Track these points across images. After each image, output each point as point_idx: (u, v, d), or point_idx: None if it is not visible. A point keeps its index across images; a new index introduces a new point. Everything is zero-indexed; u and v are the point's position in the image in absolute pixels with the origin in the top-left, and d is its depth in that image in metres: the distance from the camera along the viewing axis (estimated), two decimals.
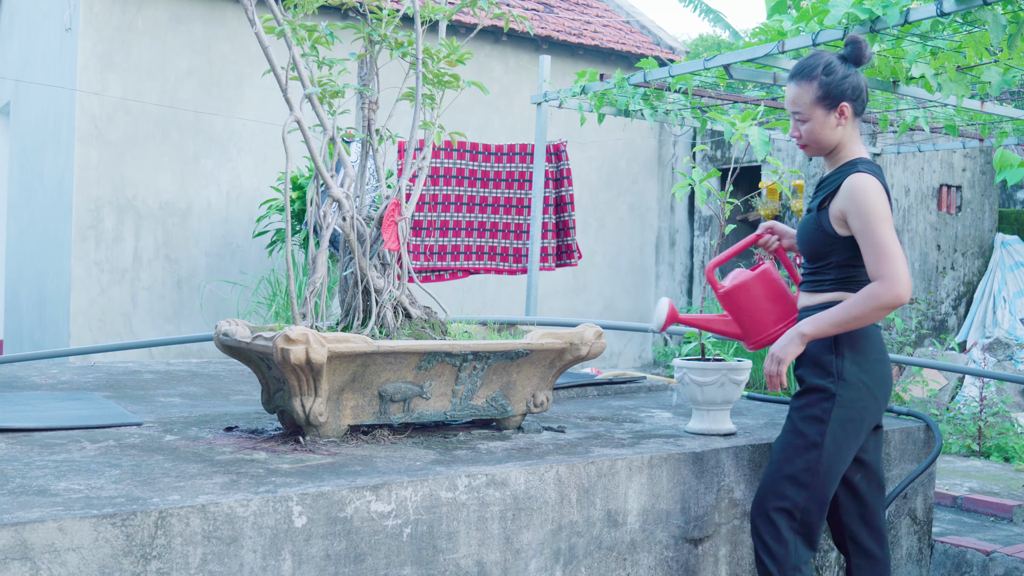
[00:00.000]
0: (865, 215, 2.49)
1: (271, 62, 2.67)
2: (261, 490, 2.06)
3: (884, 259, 2.46)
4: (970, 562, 4.11)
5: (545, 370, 2.85)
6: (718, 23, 13.89)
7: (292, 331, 2.38)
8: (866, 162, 2.61)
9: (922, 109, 6.28)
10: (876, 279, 2.48)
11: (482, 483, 2.32)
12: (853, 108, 2.62)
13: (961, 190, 10.08)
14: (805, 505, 2.59)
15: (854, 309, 2.48)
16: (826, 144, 2.65)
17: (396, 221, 2.73)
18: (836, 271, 2.62)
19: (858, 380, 2.57)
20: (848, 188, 2.54)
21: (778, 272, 2.86)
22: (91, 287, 7.92)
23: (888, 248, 2.47)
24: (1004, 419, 6.87)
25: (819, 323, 2.53)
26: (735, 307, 2.82)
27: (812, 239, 2.64)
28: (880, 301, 2.46)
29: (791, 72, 2.65)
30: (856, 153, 2.64)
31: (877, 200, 2.51)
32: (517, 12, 2.94)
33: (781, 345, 2.59)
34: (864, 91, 2.62)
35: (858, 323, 2.50)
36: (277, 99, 8.00)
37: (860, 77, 2.62)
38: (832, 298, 2.61)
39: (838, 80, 2.59)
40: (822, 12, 4.32)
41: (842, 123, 2.61)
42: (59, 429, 2.69)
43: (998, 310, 9.70)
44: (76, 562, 1.80)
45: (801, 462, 2.58)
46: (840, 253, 2.59)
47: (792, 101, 2.64)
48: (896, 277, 2.44)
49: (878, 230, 2.48)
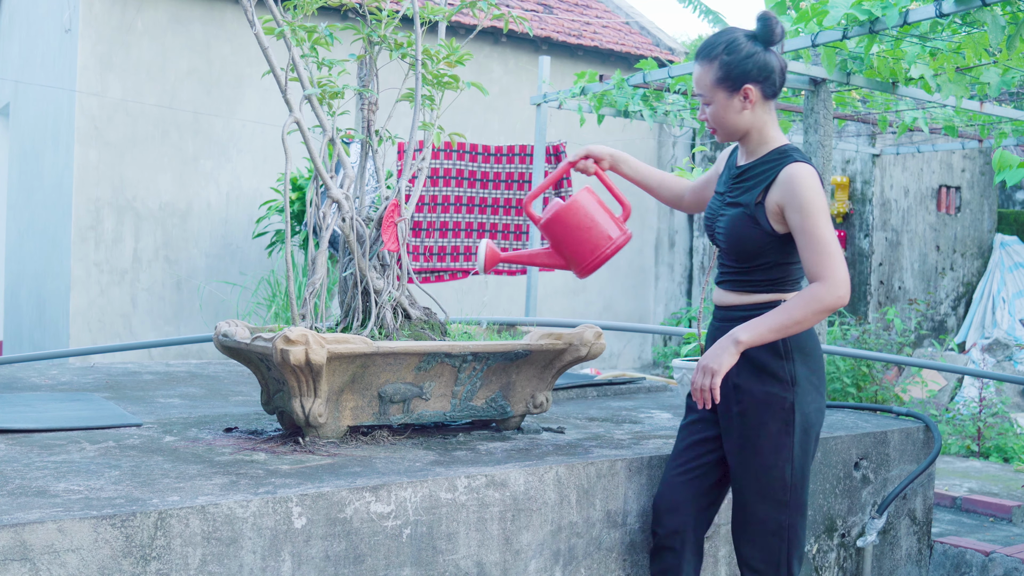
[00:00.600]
0: (806, 209, 2.28)
1: (271, 63, 2.67)
2: (261, 491, 2.06)
3: (826, 257, 2.26)
4: (969, 563, 4.12)
5: (544, 371, 2.85)
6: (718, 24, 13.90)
7: (292, 332, 2.38)
8: (798, 150, 2.41)
9: (921, 110, 6.28)
10: (816, 279, 2.28)
11: (482, 484, 2.33)
12: (761, 90, 2.39)
13: (960, 191, 10.08)
14: (790, 522, 2.43)
15: (796, 313, 2.27)
16: (734, 129, 2.43)
17: (395, 222, 2.73)
18: (770, 271, 2.42)
19: (808, 383, 2.40)
20: (787, 180, 2.32)
21: (595, 196, 2.71)
22: (91, 288, 7.92)
23: (830, 246, 2.27)
24: (1003, 420, 6.87)
25: (757, 329, 2.29)
26: (554, 237, 2.69)
27: (745, 236, 2.40)
28: (823, 304, 2.26)
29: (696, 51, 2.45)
30: (778, 139, 2.43)
31: (818, 193, 2.31)
32: (516, 13, 2.94)
33: (714, 355, 2.31)
34: (776, 72, 2.38)
35: (799, 327, 2.29)
36: (277, 100, 8.00)
37: (770, 56, 2.38)
38: (766, 300, 2.42)
39: (740, 60, 2.36)
40: (821, 13, 4.32)
41: (748, 106, 2.39)
42: (59, 430, 2.69)
43: (997, 311, 9.71)
44: (76, 563, 1.80)
45: (776, 482, 2.41)
46: (774, 252, 2.39)
47: (695, 82, 2.45)
48: (839, 278, 2.26)
49: (820, 225, 2.28)
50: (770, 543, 2.43)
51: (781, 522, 2.42)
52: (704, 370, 2.32)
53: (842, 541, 3.21)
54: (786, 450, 2.39)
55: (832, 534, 3.17)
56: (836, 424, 3.38)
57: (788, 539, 2.43)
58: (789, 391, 2.38)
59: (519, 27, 2.92)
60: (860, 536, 3.25)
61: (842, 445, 3.18)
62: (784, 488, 2.41)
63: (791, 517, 2.43)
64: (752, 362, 2.40)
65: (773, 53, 2.40)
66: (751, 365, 2.40)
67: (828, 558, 3.15)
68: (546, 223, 2.69)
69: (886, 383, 7.90)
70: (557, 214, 2.67)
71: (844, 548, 3.22)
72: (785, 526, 2.43)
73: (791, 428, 2.39)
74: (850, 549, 3.23)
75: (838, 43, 4.58)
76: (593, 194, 2.71)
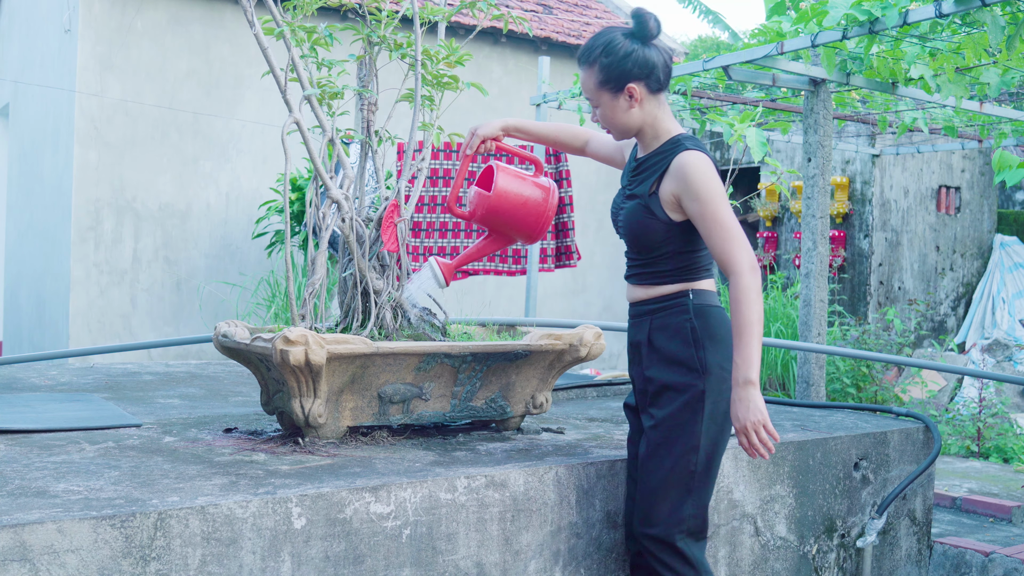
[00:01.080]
0: (702, 196, 2.28)
1: (270, 63, 2.67)
2: (260, 491, 2.06)
3: (732, 241, 2.26)
4: (969, 563, 4.11)
5: (544, 371, 2.85)
6: (717, 24, 13.89)
7: (291, 332, 2.38)
8: (692, 138, 2.40)
9: (921, 110, 6.28)
10: (727, 264, 2.26)
11: (481, 484, 2.32)
12: (646, 86, 2.38)
13: (960, 191, 10.08)
14: (696, 512, 2.40)
15: (750, 315, 2.23)
16: (625, 127, 2.43)
17: (395, 222, 2.73)
18: (672, 260, 2.40)
19: (720, 368, 2.36)
20: (680, 168, 2.32)
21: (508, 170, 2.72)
22: (90, 288, 7.92)
23: (733, 229, 2.26)
24: (1003, 420, 6.87)
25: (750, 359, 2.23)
26: (493, 224, 2.73)
27: (643, 228, 2.40)
28: (755, 290, 2.23)
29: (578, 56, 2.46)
30: (673, 130, 2.42)
31: (713, 178, 2.30)
32: (516, 13, 2.94)
33: (745, 410, 2.23)
34: (659, 66, 2.37)
35: (760, 321, 2.24)
36: (276, 100, 7.99)
37: (651, 51, 2.37)
38: (672, 291, 2.41)
39: (618, 60, 2.35)
40: (821, 13, 4.32)
41: (634, 104, 2.39)
42: (58, 430, 2.69)
43: (997, 311, 9.71)
44: (75, 563, 1.80)
45: (684, 473, 2.37)
46: (676, 241, 2.38)
47: (582, 87, 2.46)
48: (750, 262, 2.25)
49: (719, 211, 2.27)
50: (671, 531, 2.40)
51: (684, 510, 2.39)
52: (753, 428, 2.23)
53: (842, 541, 3.21)
54: (693, 438, 2.36)
55: (832, 534, 3.17)
56: (836, 424, 3.38)
57: (689, 527, 2.40)
58: (699, 379, 2.36)
59: (519, 27, 2.92)
60: (860, 536, 3.25)
61: (842, 445, 3.18)
62: (690, 476, 2.38)
63: (695, 506, 2.39)
64: (661, 353, 2.41)
65: (655, 47, 2.39)
66: (661, 356, 2.41)
67: (828, 558, 3.15)
68: (482, 216, 2.73)
69: (886, 383, 7.90)
70: (489, 206, 2.70)
71: (844, 548, 3.22)
72: (688, 515, 2.39)
73: (699, 416, 2.36)
74: (850, 549, 3.23)
75: (838, 43, 4.58)
76: (508, 170, 2.73)
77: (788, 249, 9.99)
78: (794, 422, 3.41)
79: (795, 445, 3.04)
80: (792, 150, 9.95)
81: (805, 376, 5.23)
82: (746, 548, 2.90)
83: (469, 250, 2.82)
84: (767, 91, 6.42)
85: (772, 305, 8.79)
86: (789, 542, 3.04)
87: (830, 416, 3.59)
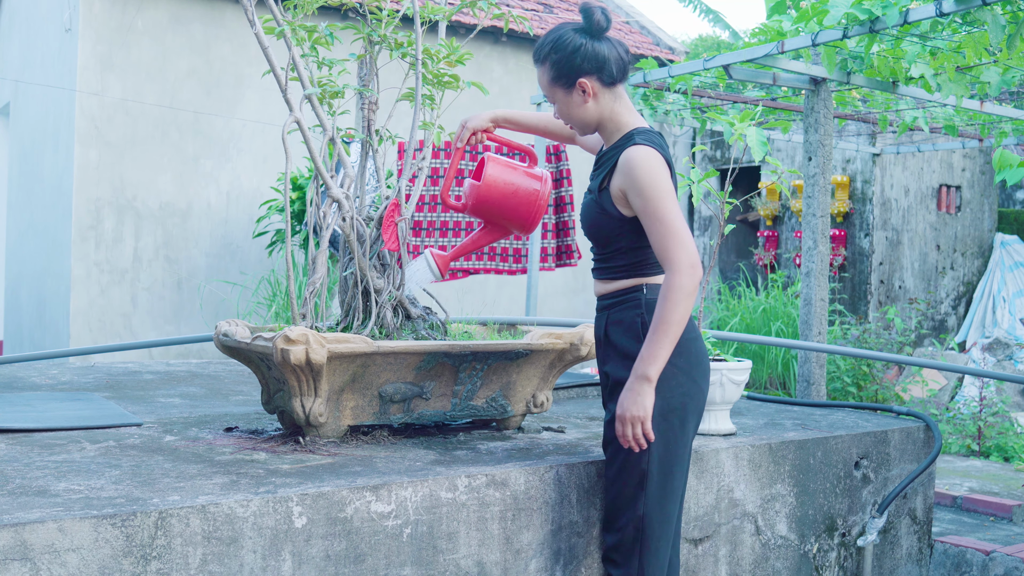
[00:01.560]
0: (645, 192, 2.25)
1: (271, 63, 2.67)
2: (261, 490, 2.06)
3: (672, 238, 2.22)
4: (970, 562, 4.12)
5: (545, 370, 2.85)
6: (718, 23, 13.89)
7: (292, 331, 2.38)
8: (644, 132, 2.36)
9: (921, 109, 6.28)
10: (665, 260, 2.23)
11: (482, 483, 2.32)
12: (598, 80, 2.37)
13: (960, 190, 10.08)
14: (645, 513, 2.32)
15: (668, 314, 2.20)
16: (583, 121, 2.43)
17: (396, 221, 2.73)
18: (626, 255, 2.38)
19: (672, 366, 2.29)
20: (625, 163, 2.30)
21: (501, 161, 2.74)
22: (91, 288, 7.92)
23: (674, 225, 2.22)
24: (1004, 419, 6.87)
25: (651, 354, 2.22)
26: (487, 215, 2.75)
27: (596, 223, 2.41)
28: (684, 290, 2.20)
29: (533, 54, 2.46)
30: (630, 124, 2.40)
31: (657, 173, 2.26)
32: (517, 12, 2.94)
33: (630, 403, 2.23)
34: (610, 60, 2.35)
35: (684, 322, 2.22)
36: (277, 100, 7.99)
37: (601, 45, 2.36)
38: (628, 285, 2.40)
39: (567, 56, 2.35)
40: (821, 12, 4.32)
41: (588, 99, 2.38)
42: (59, 430, 2.69)
43: (997, 310, 9.71)
44: (76, 562, 1.80)
45: (635, 471, 2.32)
46: (628, 236, 2.36)
47: (539, 84, 2.46)
48: (684, 259, 2.20)
49: (661, 207, 2.24)
50: (625, 533, 2.35)
51: (636, 511, 2.33)
52: (630, 421, 2.23)
53: (842, 540, 3.21)
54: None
55: (832, 533, 3.17)
56: (837, 423, 3.38)
57: (643, 532, 2.33)
58: None
59: (519, 27, 2.92)
60: (860, 535, 3.25)
61: (842, 444, 3.18)
62: (640, 474, 2.31)
63: (647, 508, 2.32)
64: (616, 348, 2.41)
65: (606, 40, 2.38)
66: (616, 351, 2.41)
67: (828, 557, 3.15)
68: (473, 206, 2.73)
69: (886, 382, 7.90)
70: (479, 195, 2.71)
71: (844, 547, 3.22)
72: (639, 516, 2.32)
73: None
74: (850, 548, 3.23)
75: (838, 42, 4.58)
76: (498, 160, 2.74)
77: (789, 248, 9.99)
78: (795, 421, 3.41)
79: (796, 444, 3.04)
80: (793, 149, 9.95)
81: (806, 375, 5.23)
82: (747, 547, 2.90)
83: (464, 242, 2.83)
84: (768, 90, 6.42)
85: (772, 304, 8.79)
86: (790, 541, 3.04)
87: (831, 415, 3.59)
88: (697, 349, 2.37)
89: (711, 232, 10.98)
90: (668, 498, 2.34)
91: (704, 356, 2.40)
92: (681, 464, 2.35)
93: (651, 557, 2.33)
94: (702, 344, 2.41)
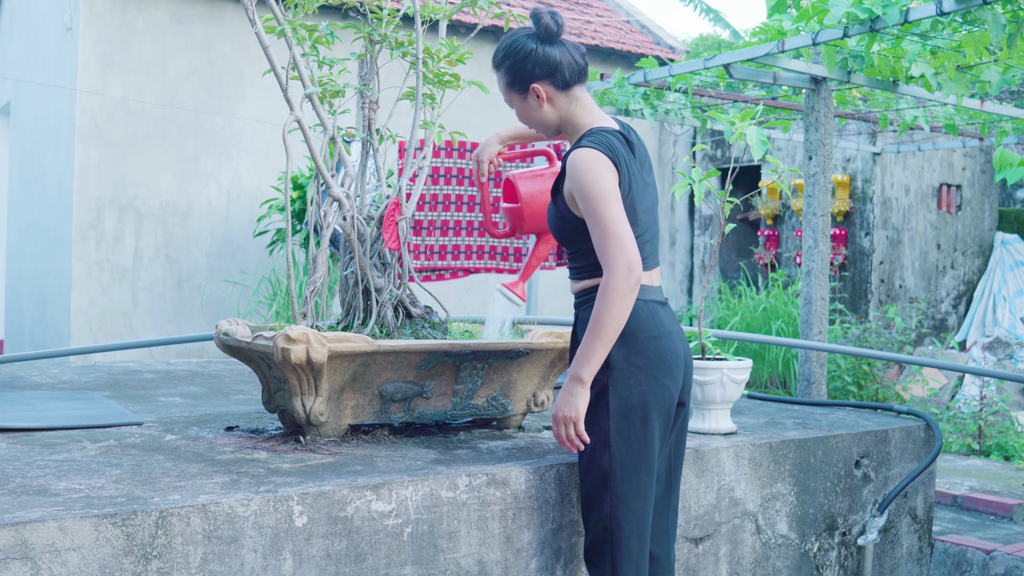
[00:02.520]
0: (585, 193, 2.25)
1: (271, 62, 2.67)
2: (262, 490, 2.07)
3: (606, 240, 2.21)
4: (970, 561, 4.12)
5: (546, 369, 2.85)
6: (718, 22, 13.90)
7: (293, 331, 2.38)
8: (595, 133, 2.34)
9: (922, 108, 6.28)
10: (604, 263, 2.23)
11: (483, 482, 2.33)
12: (552, 84, 2.38)
13: (961, 189, 10.08)
14: (611, 512, 2.30)
15: (604, 316, 2.20)
16: (542, 124, 2.45)
17: (396, 220, 2.73)
18: (588, 256, 2.37)
19: (629, 364, 2.29)
20: (569, 166, 2.30)
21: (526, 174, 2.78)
22: (92, 287, 7.92)
23: (611, 227, 2.21)
24: (1004, 418, 6.87)
25: (586, 355, 2.23)
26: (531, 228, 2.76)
27: (556, 225, 2.43)
28: (619, 291, 2.19)
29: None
30: (587, 125, 2.40)
31: (597, 175, 2.24)
32: (517, 11, 2.94)
33: (564, 403, 2.25)
34: (562, 64, 2.36)
35: (618, 323, 2.21)
36: (277, 99, 7.99)
37: (553, 49, 2.36)
38: (590, 285, 2.39)
39: (519, 62, 2.37)
40: (822, 11, 4.32)
41: (544, 103, 2.40)
42: (60, 429, 2.69)
43: (998, 309, 9.71)
44: (77, 562, 1.80)
45: (598, 471, 2.31)
46: (585, 237, 2.34)
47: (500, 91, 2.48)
48: (620, 260, 2.20)
49: (599, 209, 2.23)
50: (596, 533, 2.34)
51: (603, 510, 2.31)
52: (562, 422, 2.26)
53: (843, 539, 3.21)
54: (603, 433, 2.30)
55: (833, 532, 3.17)
56: (837, 422, 3.38)
57: (611, 532, 2.31)
58: (603, 373, 2.29)
59: (520, 26, 2.91)
60: (861, 534, 3.25)
61: (843, 443, 3.18)
62: (603, 474, 2.30)
63: (613, 507, 2.30)
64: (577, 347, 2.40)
65: (560, 44, 2.38)
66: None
67: (829, 556, 3.15)
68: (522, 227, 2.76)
69: (887, 381, 7.90)
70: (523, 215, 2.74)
71: (845, 546, 3.22)
72: (606, 515, 2.30)
73: (606, 411, 2.29)
74: (851, 547, 3.24)
75: (839, 41, 4.58)
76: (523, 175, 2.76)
77: (789, 247, 9.99)
78: (795, 420, 3.41)
79: (796, 443, 3.04)
80: (793, 148, 9.95)
81: (806, 374, 5.23)
82: (747, 546, 2.91)
83: (529, 260, 2.86)
84: (768, 89, 6.42)
85: (773, 303, 8.79)
86: (790, 540, 3.04)
87: (831, 414, 3.59)
88: (659, 347, 2.33)
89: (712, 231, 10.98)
90: (634, 498, 2.31)
91: (668, 354, 2.34)
92: (646, 463, 2.32)
93: (622, 557, 2.31)
94: (667, 342, 2.35)
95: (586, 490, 2.35)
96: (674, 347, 2.36)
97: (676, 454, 2.47)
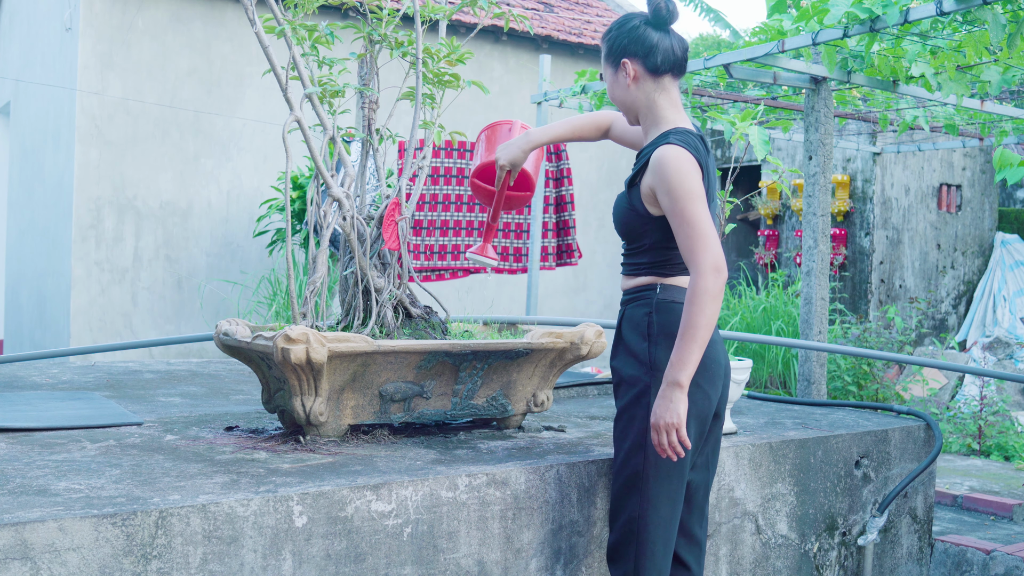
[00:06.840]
0: (673, 192, 2.23)
1: (271, 62, 2.67)
2: (261, 490, 2.06)
3: (697, 240, 2.19)
4: (970, 561, 4.12)
5: (545, 369, 2.85)
6: (718, 22, 13.89)
7: (292, 331, 2.38)
8: (681, 132, 2.33)
9: (922, 108, 6.28)
10: (690, 262, 2.21)
11: (483, 482, 2.32)
12: (643, 65, 2.36)
13: (961, 189, 10.08)
14: (640, 514, 2.30)
15: (695, 318, 2.17)
16: (624, 104, 2.43)
17: (396, 220, 2.73)
18: (650, 254, 2.37)
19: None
20: (655, 162, 2.27)
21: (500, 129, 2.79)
22: (91, 287, 7.92)
23: (697, 226, 2.20)
24: (1004, 418, 6.87)
25: (680, 359, 2.19)
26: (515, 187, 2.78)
27: (624, 219, 2.40)
28: (709, 293, 2.17)
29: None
30: (673, 122, 2.38)
31: (687, 174, 2.23)
32: (517, 12, 2.94)
33: (664, 410, 2.20)
34: (658, 48, 2.34)
35: (710, 325, 2.19)
36: (277, 99, 7.99)
37: (654, 33, 2.36)
38: (646, 282, 2.38)
39: (619, 35, 2.37)
40: (822, 11, 4.32)
41: (631, 82, 2.38)
42: (59, 429, 2.69)
43: (998, 309, 9.71)
44: (76, 562, 1.80)
45: (631, 472, 2.31)
46: (653, 234, 2.35)
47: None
48: (708, 262, 2.18)
49: (688, 208, 2.21)
50: (622, 533, 2.34)
51: (632, 512, 2.31)
52: (664, 429, 2.20)
53: (843, 539, 3.21)
54: (639, 435, 2.30)
55: (833, 532, 3.17)
56: (837, 422, 3.38)
57: (637, 534, 2.30)
58: (647, 374, 2.30)
59: (520, 26, 2.92)
60: (861, 534, 3.25)
61: (843, 443, 3.18)
62: (635, 475, 2.30)
63: (642, 509, 2.30)
64: (625, 344, 2.40)
65: (666, 32, 2.37)
66: (624, 347, 2.41)
67: (829, 556, 3.15)
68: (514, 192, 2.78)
69: (887, 381, 7.90)
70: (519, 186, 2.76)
71: (845, 546, 3.22)
72: (634, 517, 2.31)
73: (645, 412, 2.29)
74: (851, 547, 3.23)
75: (839, 41, 4.58)
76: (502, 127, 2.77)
77: (789, 247, 9.99)
78: (795, 420, 3.41)
79: (796, 443, 3.04)
80: (793, 148, 9.95)
81: (806, 374, 5.23)
82: (747, 546, 2.91)
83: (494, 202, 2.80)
84: (768, 89, 6.42)
85: (773, 303, 8.79)
86: (790, 540, 3.04)
87: (831, 414, 3.59)
88: (705, 354, 2.30)
89: None
90: (664, 502, 2.31)
91: (713, 362, 2.33)
92: (679, 468, 2.32)
93: (646, 560, 2.31)
94: (713, 350, 2.34)
95: (617, 489, 2.35)
96: (718, 356, 2.37)
97: (712, 465, 2.47)
